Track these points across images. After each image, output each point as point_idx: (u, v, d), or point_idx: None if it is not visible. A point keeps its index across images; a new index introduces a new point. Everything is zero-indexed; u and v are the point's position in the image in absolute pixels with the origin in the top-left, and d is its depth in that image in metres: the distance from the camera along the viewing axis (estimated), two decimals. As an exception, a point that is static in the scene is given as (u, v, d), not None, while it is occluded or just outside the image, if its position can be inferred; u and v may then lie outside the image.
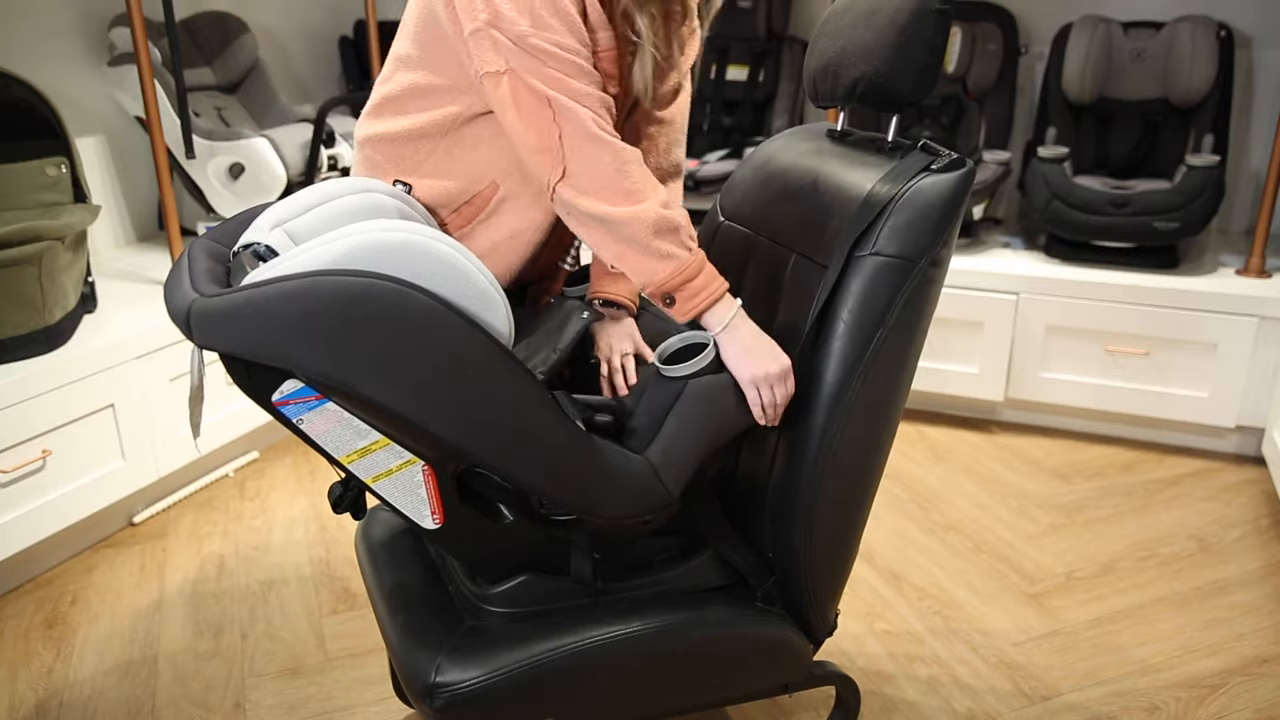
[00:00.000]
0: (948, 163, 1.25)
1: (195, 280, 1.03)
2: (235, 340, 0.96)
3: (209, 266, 1.09)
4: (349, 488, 1.28)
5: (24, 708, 1.74)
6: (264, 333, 0.96)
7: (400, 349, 0.99)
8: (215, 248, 1.16)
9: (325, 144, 2.77)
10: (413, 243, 1.03)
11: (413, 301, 0.99)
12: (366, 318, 0.97)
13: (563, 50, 1.14)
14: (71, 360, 2.03)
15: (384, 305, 0.98)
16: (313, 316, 0.96)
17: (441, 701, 1.15)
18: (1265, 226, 2.57)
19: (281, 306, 0.96)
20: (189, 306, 0.98)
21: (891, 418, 1.32)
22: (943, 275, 1.27)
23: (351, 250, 1.01)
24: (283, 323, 0.96)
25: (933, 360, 2.79)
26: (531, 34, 1.12)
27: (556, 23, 1.14)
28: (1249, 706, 1.70)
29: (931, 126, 3.08)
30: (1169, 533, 2.26)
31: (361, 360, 0.98)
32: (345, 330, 0.97)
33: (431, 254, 1.03)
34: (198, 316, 0.97)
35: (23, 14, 2.55)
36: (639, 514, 1.18)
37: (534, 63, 1.13)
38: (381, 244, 1.02)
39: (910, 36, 1.23)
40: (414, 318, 0.99)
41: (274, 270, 1.02)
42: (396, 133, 1.27)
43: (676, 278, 1.16)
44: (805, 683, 1.46)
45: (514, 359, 1.06)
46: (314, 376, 0.98)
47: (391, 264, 1.01)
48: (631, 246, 1.15)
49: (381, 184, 1.22)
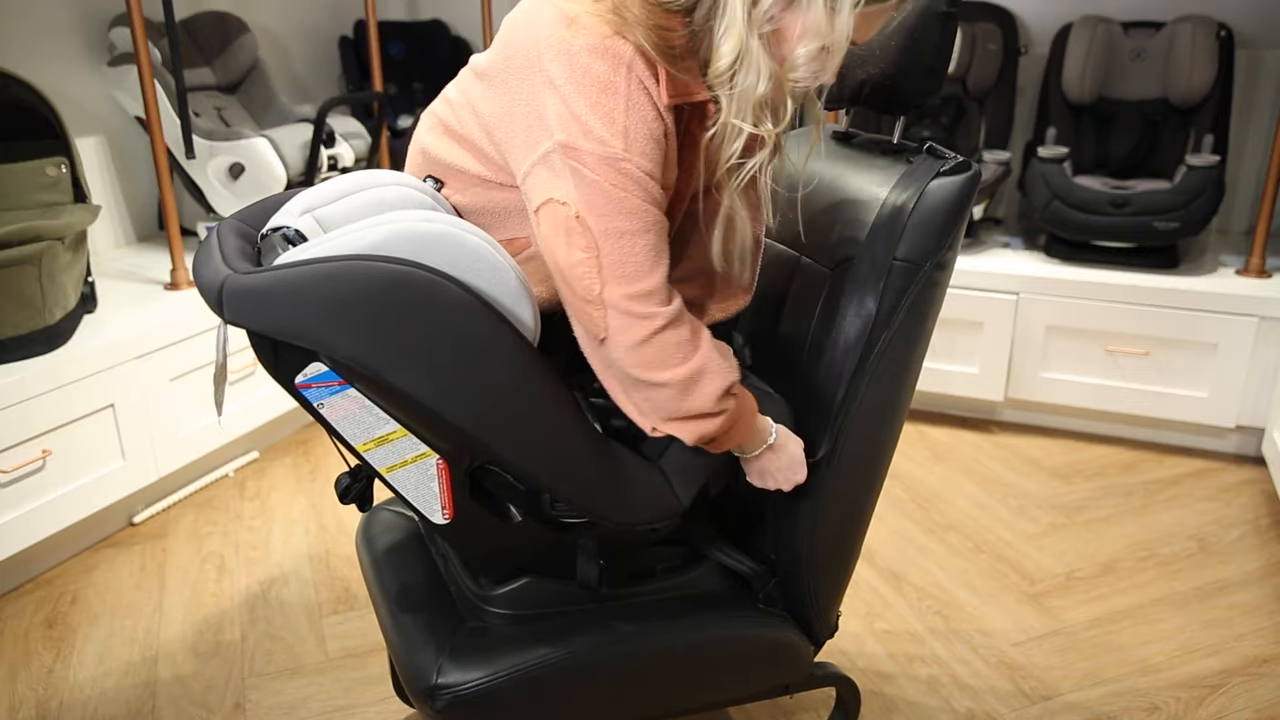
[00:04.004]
0: (953, 166, 1.25)
1: (228, 258, 1.01)
2: (267, 319, 0.96)
3: (240, 246, 1.08)
4: (357, 479, 1.27)
5: (24, 708, 1.74)
6: (296, 313, 0.95)
7: (431, 338, 0.99)
8: (243, 228, 1.14)
9: (325, 144, 2.77)
10: (449, 234, 1.03)
11: (446, 292, 0.99)
12: (400, 305, 0.97)
13: None
14: (71, 360, 2.03)
15: (418, 294, 0.98)
16: (346, 300, 0.95)
17: (443, 703, 1.15)
18: (1265, 226, 2.57)
19: (316, 288, 0.95)
20: (222, 282, 0.96)
21: (895, 421, 1.32)
22: (947, 278, 1.27)
23: (389, 237, 1.01)
24: (316, 304, 0.95)
25: (933, 360, 2.79)
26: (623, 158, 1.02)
27: None
28: (1249, 706, 1.71)
29: (931, 127, 3.08)
30: (1169, 533, 2.26)
31: (391, 347, 0.98)
32: (378, 316, 0.97)
33: (467, 247, 1.03)
34: (230, 293, 0.96)
35: (22, 14, 2.55)
36: (649, 521, 1.18)
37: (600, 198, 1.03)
38: (419, 233, 1.02)
39: (917, 38, 1.23)
40: (447, 308, 0.99)
41: (309, 252, 1.01)
42: (456, 167, 1.19)
43: (711, 433, 1.12)
44: (806, 684, 1.46)
45: (540, 357, 1.06)
46: (341, 360, 0.98)
47: (428, 254, 1.01)
48: (666, 409, 1.10)
49: (413, 179, 1.21)
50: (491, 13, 3.27)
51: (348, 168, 2.87)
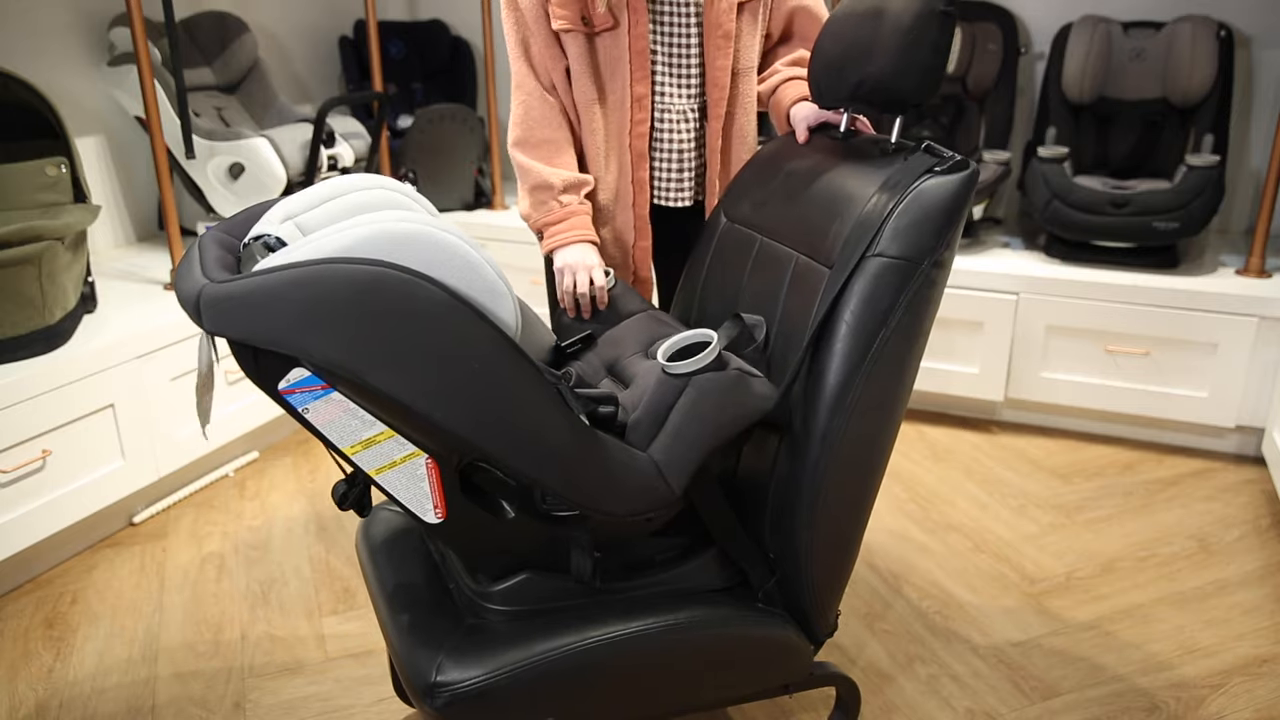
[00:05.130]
0: (951, 164, 1.25)
1: (206, 267, 1.02)
2: (244, 326, 0.96)
3: (220, 256, 1.08)
4: (353, 484, 1.28)
5: (24, 708, 1.74)
6: (273, 319, 0.96)
7: (408, 339, 0.99)
8: (226, 239, 1.16)
9: (325, 144, 2.77)
10: (423, 234, 1.03)
11: (422, 292, 0.99)
12: (376, 307, 0.97)
13: None
14: (71, 360, 2.03)
15: (393, 295, 0.98)
16: (322, 304, 0.96)
17: (442, 700, 1.15)
18: (1265, 226, 2.57)
19: (291, 293, 0.96)
20: (199, 292, 0.97)
21: (894, 418, 1.32)
22: (945, 277, 1.27)
23: (363, 239, 1.01)
24: (292, 309, 0.96)
25: (933, 360, 2.79)
26: None
27: None
28: (1249, 706, 1.70)
29: (931, 126, 3.08)
30: (1169, 533, 2.26)
31: (369, 349, 0.98)
32: (354, 318, 0.97)
33: (442, 246, 1.03)
34: (208, 301, 0.96)
35: (22, 13, 2.55)
36: (641, 511, 1.18)
37: None
38: (393, 234, 1.02)
39: (915, 38, 1.23)
40: (423, 308, 0.99)
41: (285, 257, 1.02)
42: None
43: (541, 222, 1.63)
44: (805, 683, 1.46)
45: (520, 352, 1.06)
46: (321, 364, 0.98)
47: (402, 254, 1.01)
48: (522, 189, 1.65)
49: (392, 181, 1.23)
50: (491, 13, 3.28)
51: (348, 168, 2.87)
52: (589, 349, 1.49)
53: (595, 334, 1.51)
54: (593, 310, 1.59)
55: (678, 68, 1.63)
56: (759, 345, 1.36)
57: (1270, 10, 2.89)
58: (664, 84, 1.64)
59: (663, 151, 1.67)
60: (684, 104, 1.65)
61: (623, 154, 1.66)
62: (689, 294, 1.64)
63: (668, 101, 1.64)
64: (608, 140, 1.65)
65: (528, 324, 1.37)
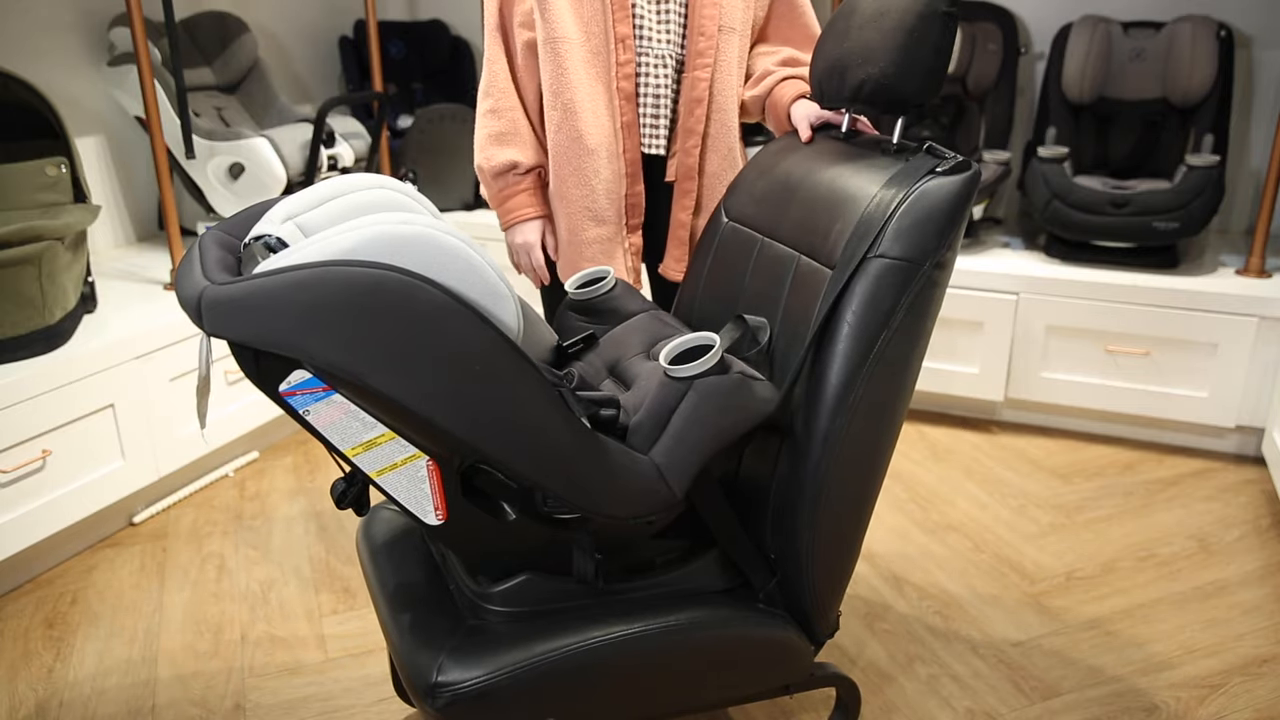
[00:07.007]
0: (952, 165, 1.25)
1: (207, 269, 1.02)
2: (245, 328, 0.96)
3: (220, 256, 1.08)
4: (352, 483, 1.28)
5: (24, 708, 1.74)
6: (274, 321, 0.96)
7: (409, 341, 0.99)
8: (226, 239, 1.15)
9: (325, 144, 2.77)
10: (425, 235, 1.03)
11: (423, 294, 0.99)
12: (376, 309, 0.97)
13: None
14: (71, 360, 2.03)
15: (394, 297, 0.98)
16: (323, 306, 0.96)
17: (443, 701, 1.15)
18: (1265, 226, 2.57)
19: (292, 295, 0.95)
20: (200, 294, 0.97)
21: (895, 419, 1.32)
22: (947, 278, 1.27)
23: (364, 241, 1.01)
24: (293, 312, 0.95)
25: (933, 360, 2.79)
26: None
27: None
28: (1249, 706, 1.71)
29: (931, 127, 3.08)
30: (1169, 533, 2.26)
31: (370, 352, 0.98)
32: (355, 321, 0.97)
33: (443, 248, 1.03)
34: (208, 304, 0.96)
35: (22, 13, 2.55)
36: (643, 514, 1.18)
37: None
38: (394, 236, 1.02)
39: (917, 38, 1.23)
40: (424, 310, 0.99)
41: (286, 259, 1.01)
42: None
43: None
44: (806, 683, 1.46)
45: (522, 355, 1.06)
46: (322, 367, 0.98)
47: (403, 256, 1.01)
48: None
49: (393, 181, 1.23)
50: (491, 13, 3.27)
51: (348, 168, 2.87)
52: (591, 349, 1.49)
53: (597, 334, 1.51)
54: (593, 310, 1.59)
55: (659, 11, 1.66)
56: (762, 348, 1.36)
57: (1270, 10, 2.90)
58: (644, 26, 1.66)
59: (647, 96, 1.69)
60: (664, 49, 1.67)
61: (611, 98, 1.67)
62: (690, 293, 1.64)
63: (647, 45, 1.67)
64: (593, 85, 1.67)
65: (529, 324, 1.37)
